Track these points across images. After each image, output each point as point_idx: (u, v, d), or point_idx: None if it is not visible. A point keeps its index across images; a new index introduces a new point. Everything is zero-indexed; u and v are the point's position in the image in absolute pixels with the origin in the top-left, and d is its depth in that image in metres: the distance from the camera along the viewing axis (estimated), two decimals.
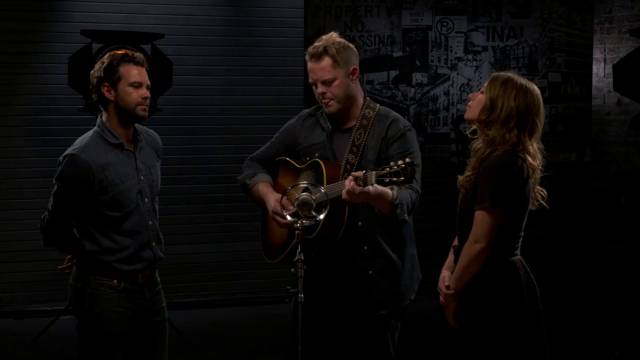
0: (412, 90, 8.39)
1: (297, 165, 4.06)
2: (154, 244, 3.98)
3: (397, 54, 8.38)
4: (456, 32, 8.48)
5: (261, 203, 4.10)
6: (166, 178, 7.57)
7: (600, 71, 8.82)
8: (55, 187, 3.87)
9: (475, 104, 3.63)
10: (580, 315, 7.33)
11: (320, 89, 3.96)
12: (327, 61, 3.93)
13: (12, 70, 7.49)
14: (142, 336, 4.00)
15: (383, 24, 8.33)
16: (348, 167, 3.92)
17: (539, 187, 3.66)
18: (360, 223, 3.92)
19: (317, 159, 3.95)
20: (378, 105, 4.10)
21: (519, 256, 3.64)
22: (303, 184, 3.76)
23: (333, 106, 3.98)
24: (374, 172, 3.55)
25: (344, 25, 8.21)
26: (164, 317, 4.10)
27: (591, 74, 8.77)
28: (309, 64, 4.00)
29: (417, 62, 8.43)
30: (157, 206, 4.07)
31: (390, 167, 3.50)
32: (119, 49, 6.43)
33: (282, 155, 4.18)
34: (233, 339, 6.86)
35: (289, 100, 7.85)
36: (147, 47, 6.66)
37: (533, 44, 8.64)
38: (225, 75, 7.96)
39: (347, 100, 3.99)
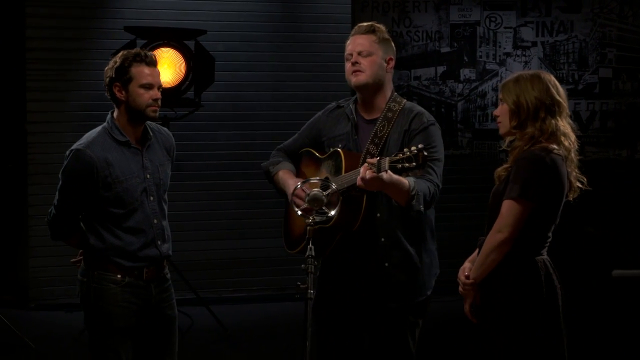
0: (460, 86, 8.33)
1: (319, 156, 4.11)
2: (159, 242, 3.97)
3: (445, 49, 8.35)
4: (505, 28, 8.42)
5: (283, 190, 4.13)
6: (214, 174, 7.83)
7: None
8: (60, 182, 3.89)
9: (503, 117, 3.63)
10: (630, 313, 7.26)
11: (355, 58, 3.99)
12: (370, 37, 4.01)
13: (67, 66, 7.63)
14: (150, 331, 4.02)
15: (431, 20, 8.30)
16: (368, 157, 3.89)
17: (577, 173, 3.61)
18: (379, 214, 3.91)
19: (337, 149, 3.98)
20: (405, 100, 4.11)
21: (545, 256, 3.59)
22: (315, 179, 3.75)
23: (362, 77, 3.98)
24: (387, 158, 3.56)
25: (392, 21, 8.19)
26: (173, 313, 4.10)
27: None
28: (352, 38, 4.07)
29: (465, 58, 8.38)
30: (165, 205, 4.05)
31: (403, 153, 3.50)
32: (160, 46, 6.51)
33: (307, 146, 4.24)
34: (281, 334, 6.87)
35: (337, 97, 7.66)
36: (191, 44, 6.70)
37: (583, 39, 8.55)
38: (273, 72, 8.00)
39: (375, 82, 4.00)
